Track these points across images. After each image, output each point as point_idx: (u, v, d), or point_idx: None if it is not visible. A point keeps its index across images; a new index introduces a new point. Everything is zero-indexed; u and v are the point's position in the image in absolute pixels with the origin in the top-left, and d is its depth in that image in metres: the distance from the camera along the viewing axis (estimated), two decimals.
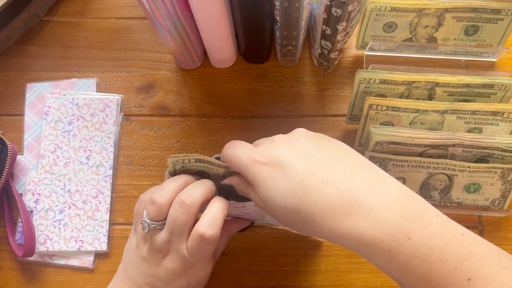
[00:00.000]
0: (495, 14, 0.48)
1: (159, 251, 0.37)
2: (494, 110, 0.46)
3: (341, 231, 0.29)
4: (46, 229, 0.49)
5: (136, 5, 0.57)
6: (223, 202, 0.38)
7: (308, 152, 0.32)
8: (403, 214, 0.29)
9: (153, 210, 0.37)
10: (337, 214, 0.29)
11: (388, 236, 0.28)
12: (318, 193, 0.30)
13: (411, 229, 0.29)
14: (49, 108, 0.52)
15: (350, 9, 0.41)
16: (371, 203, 0.29)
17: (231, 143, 0.37)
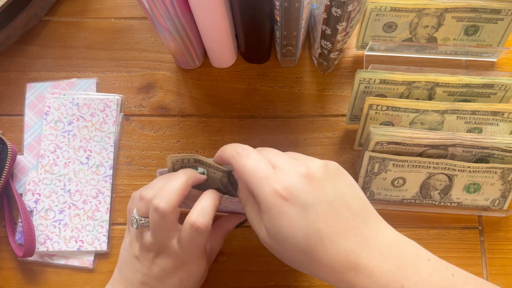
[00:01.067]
0: (495, 14, 0.48)
1: (150, 251, 0.37)
2: (494, 110, 0.46)
3: (340, 283, 0.31)
4: (46, 229, 0.49)
5: (136, 5, 0.57)
6: (214, 193, 0.37)
7: (329, 198, 0.32)
8: (396, 263, 0.30)
9: (142, 206, 0.37)
10: (340, 267, 0.30)
11: (383, 286, 0.30)
12: (331, 244, 0.31)
13: (404, 277, 0.30)
14: (49, 108, 0.52)
15: (350, 9, 0.41)
16: (369, 260, 0.30)
17: (245, 152, 0.34)
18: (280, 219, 0.31)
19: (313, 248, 0.31)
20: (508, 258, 0.48)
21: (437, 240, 0.49)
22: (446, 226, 0.49)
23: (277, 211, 0.31)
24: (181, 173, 0.37)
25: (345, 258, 0.30)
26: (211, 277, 0.48)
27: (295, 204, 0.31)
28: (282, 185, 0.31)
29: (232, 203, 0.42)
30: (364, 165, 0.46)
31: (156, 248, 0.37)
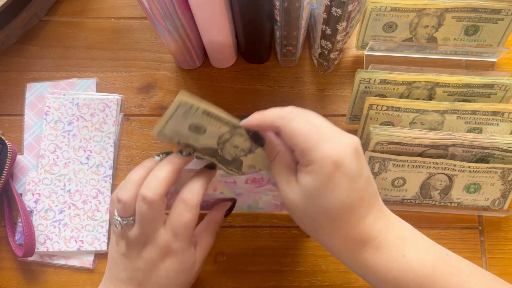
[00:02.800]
0: (495, 14, 0.48)
1: (136, 245, 0.38)
2: (494, 110, 0.46)
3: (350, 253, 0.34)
4: (46, 229, 0.49)
5: (136, 5, 0.57)
6: (204, 174, 0.38)
7: (365, 174, 0.34)
8: (398, 236, 0.34)
9: (121, 208, 0.37)
10: (358, 238, 0.33)
11: (386, 254, 0.33)
12: (358, 217, 0.33)
13: (405, 248, 0.33)
14: (49, 108, 0.52)
15: (350, 9, 0.41)
16: (379, 232, 0.34)
17: (292, 115, 0.34)
18: (326, 183, 0.32)
19: (342, 217, 0.33)
20: (508, 258, 0.48)
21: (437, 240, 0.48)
22: (446, 226, 0.49)
23: (327, 175, 0.32)
24: (165, 162, 0.37)
25: (364, 231, 0.33)
26: (211, 277, 0.48)
27: (343, 173, 0.32)
28: (337, 153, 0.32)
29: (227, 185, 0.41)
30: None
31: (142, 240, 0.37)
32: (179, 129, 0.36)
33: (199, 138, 0.37)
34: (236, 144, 0.38)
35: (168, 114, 0.35)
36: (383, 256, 0.33)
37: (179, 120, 0.35)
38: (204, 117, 0.35)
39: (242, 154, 0.38)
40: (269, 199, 0.47)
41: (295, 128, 0.34)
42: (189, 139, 0.37)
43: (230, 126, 0.36)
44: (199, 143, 0.37)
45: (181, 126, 0.36)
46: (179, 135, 0.36)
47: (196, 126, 0.36)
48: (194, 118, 0.35)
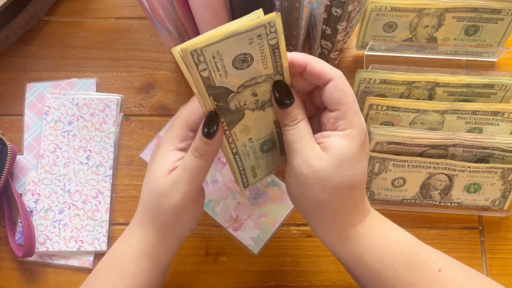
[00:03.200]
0: (495, 14, 0.48)
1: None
2: (494, 110, 0.46)
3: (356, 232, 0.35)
4: (46, 229, 0.49)
5: (136, 5, 0.57)
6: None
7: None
8: (380, 215, 0.36)
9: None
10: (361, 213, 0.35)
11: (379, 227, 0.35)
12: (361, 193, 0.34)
13: (390, 224, 0.36)
14: (49, 108, 0.52)
15: (350, 9, 0.41)
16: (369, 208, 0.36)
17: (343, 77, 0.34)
18: (359, 151, 0.33)
19: (360, 187, 0.34)
20: (508, 258, 0.48)
21: (437, 240, 0.49)
22: (446, 226, 0.49)
23: (361, 143, 0.33)
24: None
25: (365, 205, 0.35)
26: (211, 277, 0.48)
27: (365, 147, 0.33)
28: (364, 128, 0.34)
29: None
30: None
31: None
32: (224, 53, 0.31)
33: (230, 73, 0.32)
34: (256, 92, 0.34)
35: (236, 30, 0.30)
36: (377, 230, 0.35)
37: (239, 43, 0.31)
38: (268, 51, 0.32)
39: (251, 107, 0.35)
40: (232, 204, 0.48)
41: (345, 88, 0.33)
42: (217, 69, 0.31)
43: (274, 69, 0.33)
44: (223, 81, 0.32)
45: (232, 50, 0.31)
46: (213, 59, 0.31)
47: (246, 57, 0.32)
48: (255, 47, 0.31)
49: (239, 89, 0.33)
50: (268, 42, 0.31)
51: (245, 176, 0.38)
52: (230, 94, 0.33)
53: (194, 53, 0.29)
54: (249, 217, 0.49)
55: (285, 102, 0.33)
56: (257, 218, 0.49)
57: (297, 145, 0.33)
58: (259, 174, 0.39)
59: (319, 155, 0.32)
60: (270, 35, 0.31)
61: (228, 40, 0.30)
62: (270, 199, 0.50)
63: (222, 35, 0.29)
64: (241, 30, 0.29)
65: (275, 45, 0.31)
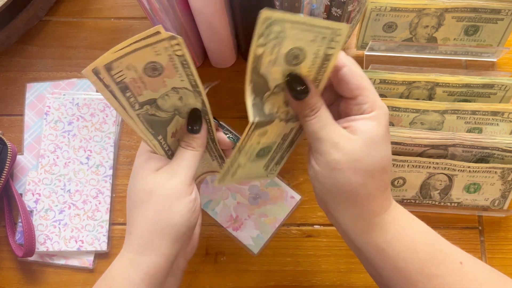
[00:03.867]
0: (495, 14, 0.48)
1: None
2: (494, 110, 0.46)
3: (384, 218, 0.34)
4: (46, 229, 0.49)
5: (136, 5, 0.57)
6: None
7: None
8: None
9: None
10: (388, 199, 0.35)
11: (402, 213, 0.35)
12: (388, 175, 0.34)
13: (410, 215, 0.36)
14: (49, 108, 0.52)
15: (350, 9, 0.41)
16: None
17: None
18: (386, 131, 0.33)
19: (388, 168, 0.33)
20: (508, 258, 0.48)
21: None
22: (446, 226, 0.49)
23: (386, 123, 0.33)
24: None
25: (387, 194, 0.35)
26: (211, 276, 0.48)
27: (389, 128, 0.34)
28: (387, 108, 0.34)
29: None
30: None
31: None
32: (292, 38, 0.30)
33: (281, 67, 0.32)
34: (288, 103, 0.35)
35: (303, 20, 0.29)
36: (402, 218, 0.34)
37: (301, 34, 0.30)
38: (324, 46, 0.31)
39: (282, 117, 0.35)
40: (232, 204, 0.48)
41: (360, 72, 0.33)
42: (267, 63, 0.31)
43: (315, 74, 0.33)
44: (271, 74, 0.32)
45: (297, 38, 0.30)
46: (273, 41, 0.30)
47: (299, 52, 0.32)
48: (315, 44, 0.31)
49: (275, 89, 0.33)
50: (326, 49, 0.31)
51: (227, 171, 0.38)
52: (266, 92, 0.33)
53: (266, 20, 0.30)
54: (249, 217, 0.49)
55: (301, 92, 0.33)
56: (257, 218, 0.49)
57: (323, 132, 0.33)
58: (238, 174, 0.39)
59: (348, 138, 0.32)
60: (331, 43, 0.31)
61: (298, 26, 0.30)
62: (270, 199, 0.50)
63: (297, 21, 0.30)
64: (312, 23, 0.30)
65: (329, 56, 0.32)
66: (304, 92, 0.32)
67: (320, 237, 0.49)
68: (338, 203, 0.34)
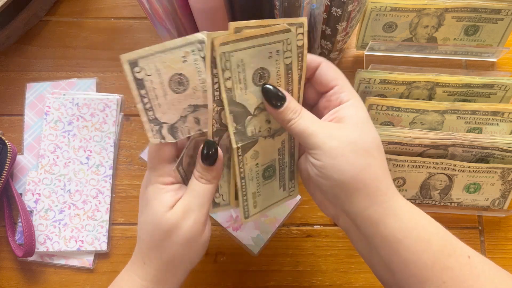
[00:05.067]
0: (495, 14, 0.48)
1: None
2: (494, 110, 0.46)
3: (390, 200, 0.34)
4: (46, 229, 0.49)
5: (136, 5, 0.57)
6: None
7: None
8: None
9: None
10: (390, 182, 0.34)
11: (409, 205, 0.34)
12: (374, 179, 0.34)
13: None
14: (49, 108, 0.52)
15: (350, 9, 0.41)
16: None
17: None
18: (365, 115, 0.35)
19: (377, 150, 0.34)
20: (508, 258, 0.48)
21: None
22: (446, 226, 0.49)
23: (363, 109, 0.35)
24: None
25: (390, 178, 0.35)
26: (211, 276, 0.48)
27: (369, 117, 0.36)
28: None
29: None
30: None
31: None
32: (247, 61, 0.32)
33: (249, 88, 0.33)
34: (270, 119, 0.36)
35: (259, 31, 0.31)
36: (410, 205, 0.34)
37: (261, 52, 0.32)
38: (283, 69, 0.33)
39: (265, 134, 0.36)
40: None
41: (334, 67, 0.36)
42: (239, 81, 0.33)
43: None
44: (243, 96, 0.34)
45: (254, 60, 0.32)
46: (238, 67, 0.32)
47: (265, 73, 0.33)
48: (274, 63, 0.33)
49: (255, 111, 0.34)
50: (284, 60, 0.33)
51: (247, 204, 0.38)
52: (248, 116, 0.34)
53: (222, 56, 0.31)
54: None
55: (278, 100, 0.34)
56: (257, 219, 0.49)
57: (313, 127, 0.33)
58: (259, 204, 0.39)
59: (338, 126, 0.33)
60: (286, 53, 0.33)
61: (252, 50, 0.31)
62: None
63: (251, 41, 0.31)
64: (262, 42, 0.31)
65: (289, 65, 0.33)
66: (281, 99, 0.34)
67: (320, 237, 0.49)
68: (348, 195, 0.33)
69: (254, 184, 0.38)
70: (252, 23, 0.31)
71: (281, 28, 0.31)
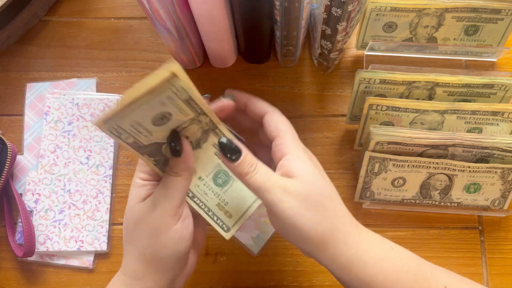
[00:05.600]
0: (495, 14, 0.48)
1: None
2: (494, 110, 0.46)
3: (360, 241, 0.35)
4: (46, 229, 0.49)
5: (136, 5, 0.57)
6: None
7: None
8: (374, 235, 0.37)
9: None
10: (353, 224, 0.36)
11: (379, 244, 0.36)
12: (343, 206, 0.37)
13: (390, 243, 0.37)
14: (49, 108, 0.52)
15: (350, 9, 0.41)
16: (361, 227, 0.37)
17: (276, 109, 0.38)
18: (308, 165, 0.35)
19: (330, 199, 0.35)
20: (508, 258, 0.48)
21: (437, 240, 0.49)
22: (446, 226, 0.49)
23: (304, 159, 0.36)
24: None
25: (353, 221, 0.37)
26: (211, 277, 0.48)
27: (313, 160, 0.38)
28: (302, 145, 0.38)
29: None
30: (364, 165, 0.46)
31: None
32: (141, 119, 0.30)
33: (154, 132, 0.32)
34: (186, 135, 0.35)
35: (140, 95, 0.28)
36: (378, 248, 0.35)
37: (151, 108, 0.30)
38: (183, 104, 0.31)
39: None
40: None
41: (279, 117, 0.38)
42: (140, 133, 0.32)
43: (195, 113, 0.33)
44: (150, 138, 0.33)
45: (148, 115, 0.30)
46: (132, 127, 0.31)
47: (164, 114, 0.31)
48: (169, 106, 0.30)
49: (168, 139, 0.34)
50: (180, 98, 0.31)
51: (219, 219, 0.38)
52: (162, 146, 0.34)
53: (111, 128, 0.30)
54: (249, 217, 0.49)
55: (232, 157, 0.35)
56: (257, 218, 0.49)
57: (269, 183, 0.34)
58: (233, 212, 0.39)
59: (290, 182, 0.34)
60: (179, 93, 0.30)
61: (140, 109, 0.29)
62: None
63: (131, 106, 0.29)
64: (148, 99, 0.29)
65: (188, 99, 0.31)
66: (236, 152, 0.35)
67: None
68: (313, 249, 0.35)
69: (211, 197, 0.38)
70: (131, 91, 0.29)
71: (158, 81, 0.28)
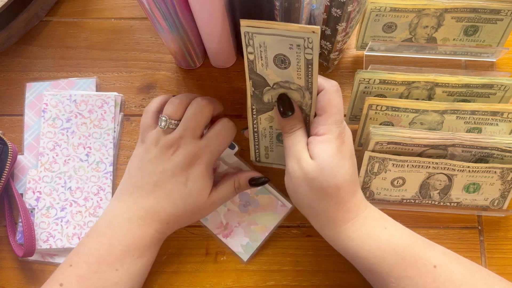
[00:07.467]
0: (494, 14, 0.49)
1: (170, 147, 0.42)
2: (494, 110, 0.46)
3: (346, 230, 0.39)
4: (48, 227, 0.49)
5: (137, 5, 0.58)
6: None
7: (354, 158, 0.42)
8: (379, 213, 0.41)
9: (171, 110, 0.42)
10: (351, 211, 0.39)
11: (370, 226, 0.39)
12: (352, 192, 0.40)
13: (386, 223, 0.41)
14: (47, 106, 0.52)
15: (350, 10, 0.42)
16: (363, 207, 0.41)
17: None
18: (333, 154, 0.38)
19: (334, 188, 0.38)
20: (507, 258, 0.48)
21: (437, 240, 0.49)
22: (446, 226, 0.49)
23: (333, 147, 0.38)
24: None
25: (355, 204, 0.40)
26: (211, 276, 0.48)
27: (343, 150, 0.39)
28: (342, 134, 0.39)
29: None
30: (364, 165, 0.46)
31: (177, 143, 0.42)
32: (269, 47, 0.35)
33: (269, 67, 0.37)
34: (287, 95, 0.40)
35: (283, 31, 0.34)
36: (368, 228, 0.39)
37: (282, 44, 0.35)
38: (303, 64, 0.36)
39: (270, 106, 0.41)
40: (222, 211, 0.49)
41: (331, 98, 0.39)
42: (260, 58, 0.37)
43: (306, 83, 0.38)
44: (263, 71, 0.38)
45: (275, 48, 0.35)
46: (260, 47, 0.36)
47: (285, 59, 0.36)
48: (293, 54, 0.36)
49: (274, 85, 0.39)
50: (305, 55, 0.35)
51: (258, 152, 0.45)
52: (266, 87, 0.39)
53: (246, 34, 0.35)
54: (239, 224, 0.49)
55: (286, 112, 0.39)
56: (247, 226, 0.49)
57: (293, 149, 0.39)
58: (271, 157, 0.46)
59: (307, 159, 0.38)
60: (307, 50, 0.35)
61: (274, 37, 0.34)
62: (260, 207, 0.49)
63: (271, 29, 0.34)
64: (285, 33, 0.34)
65: (310, 60, 0.35)
66: (290, 110, 0.39)
67: (320, 237, 0.49)
68: (306, 214, 0.41)
69: (267, 140, 0.44)
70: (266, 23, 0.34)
71: (305, 30, 0.33)
